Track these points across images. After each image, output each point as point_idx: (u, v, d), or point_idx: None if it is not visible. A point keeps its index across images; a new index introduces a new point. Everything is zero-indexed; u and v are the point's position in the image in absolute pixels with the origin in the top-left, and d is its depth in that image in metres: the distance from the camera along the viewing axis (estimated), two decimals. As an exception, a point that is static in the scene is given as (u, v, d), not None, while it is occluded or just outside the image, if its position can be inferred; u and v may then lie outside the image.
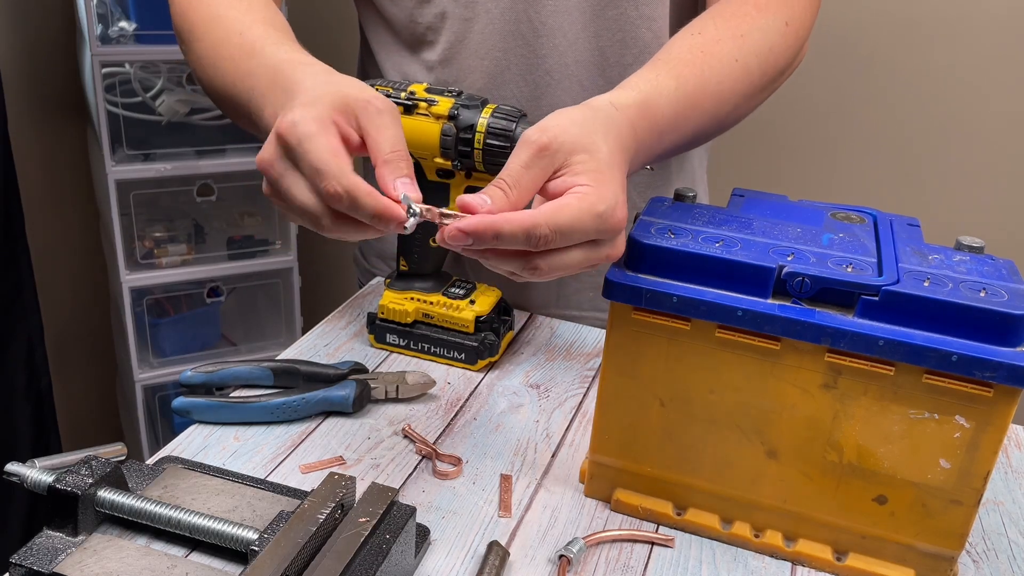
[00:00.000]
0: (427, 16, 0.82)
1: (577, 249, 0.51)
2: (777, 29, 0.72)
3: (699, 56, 0.66)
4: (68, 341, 1.83)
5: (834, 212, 0.64)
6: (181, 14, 0.72)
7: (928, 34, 1.41)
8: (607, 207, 0.50)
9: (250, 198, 1.68)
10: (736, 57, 0.67)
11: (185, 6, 0.72)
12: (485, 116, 0.70)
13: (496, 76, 0.82)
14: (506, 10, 0.80)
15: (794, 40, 0.74)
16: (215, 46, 0.67)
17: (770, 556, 0.59)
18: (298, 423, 0.70)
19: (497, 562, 0.55)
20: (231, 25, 0.66)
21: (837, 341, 0.52)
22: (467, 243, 0.48)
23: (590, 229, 0.50)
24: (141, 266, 1.55)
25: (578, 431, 0.71)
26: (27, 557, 0.51)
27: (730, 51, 0.67)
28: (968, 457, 0.52)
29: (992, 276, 0.54)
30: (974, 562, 0.60)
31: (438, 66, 0.84)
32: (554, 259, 0.51)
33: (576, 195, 0.50)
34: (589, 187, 0.51)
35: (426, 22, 0.82)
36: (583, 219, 0.49)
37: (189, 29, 0.71)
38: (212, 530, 0.52)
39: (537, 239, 0.48)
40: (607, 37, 0.82)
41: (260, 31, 0.64)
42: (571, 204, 0.50)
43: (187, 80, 1.51)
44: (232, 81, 0.64)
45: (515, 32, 0.81)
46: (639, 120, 0.58)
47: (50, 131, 1.69)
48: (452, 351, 0.79)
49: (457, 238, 0.48)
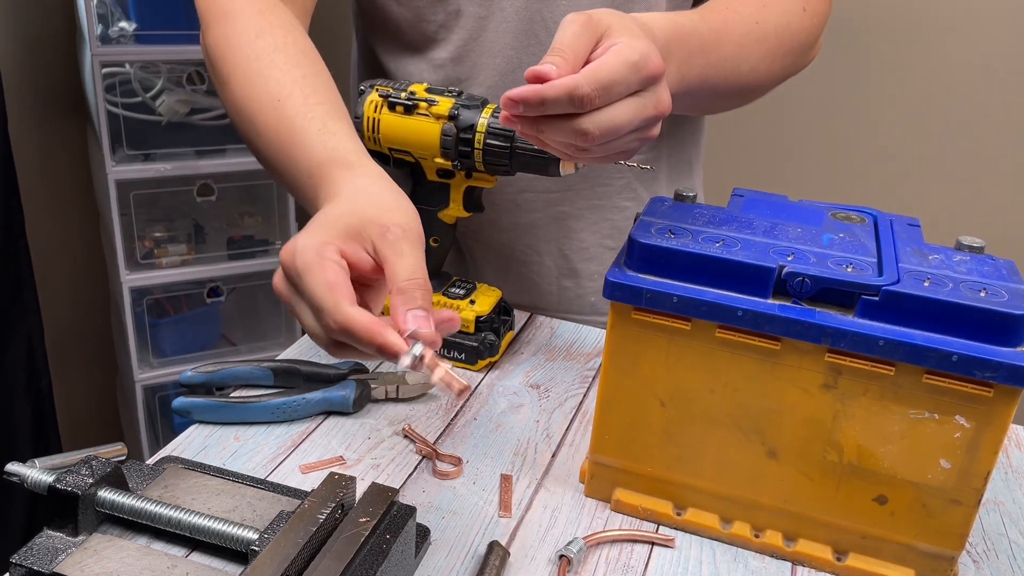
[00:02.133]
0: (440, 14, 0.82)
1: (622, 104, 0.53)
2: (795, 10, 0.76)
3: (723, 10, 0.71)
4: (68, 341, 1.83)
5: (834, 212, 0.64)
6: (219, 58, 0.69)
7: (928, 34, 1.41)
8: (640, 55, 0.53)
9: (250, 198, 1.68)
10: (756, 20, 0.72)
11: (223, 49, 0.68)
12: (485, 116, 0.70)
13: (507, 74, 0.82)
14: (520, 9, 0.80)
15: (809, 25, 0.77)
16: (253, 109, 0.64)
17: (770, 556, 0.59)
18: (298, 423, 0.70)
19: (497, 562, 0.55)
20: (271, 88, 0.63)
21: (837, 341, 0.52)
22: (517, 111, 0.52)
23: (629, 78, 0.52)
24: (141, 266, 1.55)
25: (578, 431, 0.71)
26: (27, 557, 0.51)
27: (751, 12, 0.72)
28: (968, 457, 0.52)
29: (992, 276, 0.54)
30: (974, 562, 0.60)
31: (448, 64, 0.83)
32: (601, 118, 0.53)
33: (611, 51, 0.53)
34: (622, 41, 0.53)
35: (438, 20, 0.82)
36: (619, 70, 0.52)
37: (227, 77, 0.67)
38: (212, 530, 0.52)
39: (580, 98, 0.51)
40: None
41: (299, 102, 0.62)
42: (607, 60, 0.52)
43: (187, 80, 1.51)
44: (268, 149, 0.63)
45: (528, 31, 0.81)
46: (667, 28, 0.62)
47: (50, 131, 1.69)
48: (452, 351, 0.79)
49: (508, 106, 0.52)
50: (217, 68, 0.69)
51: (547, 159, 0.68)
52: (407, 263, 0.49)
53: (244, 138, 0.68)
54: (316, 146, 0.59)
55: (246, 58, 0.66)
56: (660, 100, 0.55)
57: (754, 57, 0.72)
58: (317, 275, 0.48)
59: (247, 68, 0.65)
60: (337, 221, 0.51)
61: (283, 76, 0.64)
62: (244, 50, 0.66)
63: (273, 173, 0.65)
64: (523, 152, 0.69)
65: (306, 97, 0.62)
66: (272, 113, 0.62)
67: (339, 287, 0.48)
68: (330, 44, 0.65)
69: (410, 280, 0.49)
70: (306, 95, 0.62)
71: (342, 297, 0.48)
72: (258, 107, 0.64)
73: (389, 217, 0.51)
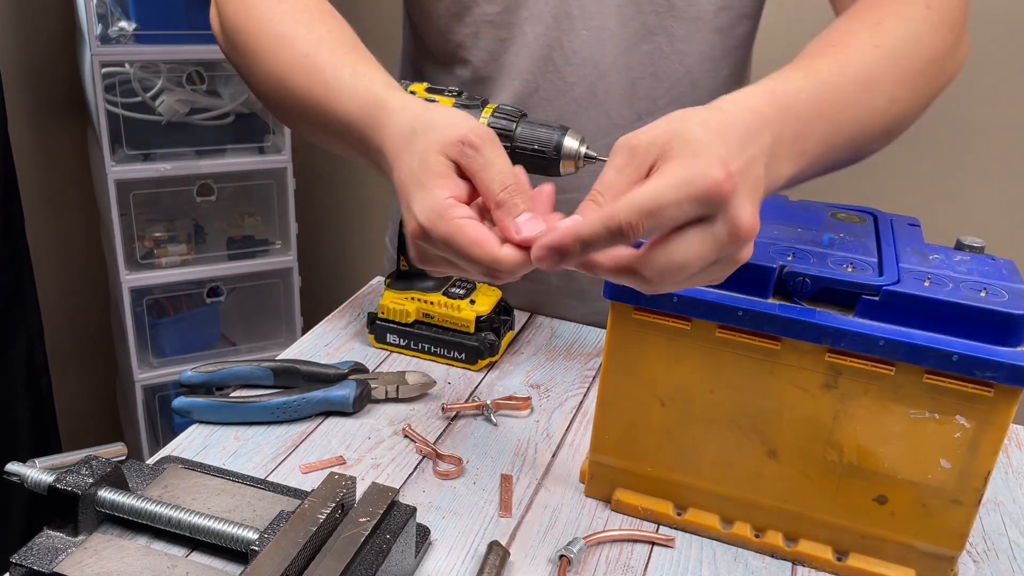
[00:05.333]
0: (459, 34, 0.82)
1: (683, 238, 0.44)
2: (919, 16, 0.63)
3: (830, 49, 0.59)
4: (68, 341, 1.83)
5: (834, 212, 0.64)
6: (241, 30, 0.67)
7: (928, 34, 1.41)
8: (695, 173, 0.43)
9: (250, 198, 1.68)
10: (875, 44, 0.60)
11: (243, 21, 0.67)
12: (485, 116, 0.70)
13: (524, 98, 0.82)
14: (540, 35, 0.80)
15: (940, 25, 0.64)
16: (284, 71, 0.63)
17: (770, 556, 0.59)
18: (298, 423, 0.70)
19: (497, 562, 0.55)
20: (299, 47, 0.63)
21: (837, 341, 0.52)
22: (556, 259, 0.45)
23: (681, 200, 0.42)
24: (141, 266, 1.55)
25: (578, 431, 0.71)
26: (27, 557, 0.51)
27: (866, 39, 0.60)
28: (968, 457, 0.52)
29: (992, 276, 0.54)
30: (974, 562, 0.60)
31: (470, 82, 0.84)
32: (656, 257, 0.44)
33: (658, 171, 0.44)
34: (675, 161, 0.44)
35: (457, 39, 0.82)
36: (665, 191, 0.42)
37: (254, 48, 0.66)
38: (212, 530, 0.52)
39: (618, 228, 0.43)
40: (639, 70, 0.81)
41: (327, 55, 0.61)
42: (651, 181, 0.44)
43: (187, 80, 1.51)
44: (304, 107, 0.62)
45: (547, 57, 0.81)
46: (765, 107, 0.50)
47: (50, 131, 1.69)
48: (452, 351, 0.79)
49: (544, 258, 0.45)
50: (240, 41, 0.68)
51: (547, 159, 0.68)
52: (494, 173, 0.49)
53: (278, 107, 0.67)
54: (350, 94, 0.58)
55: (268, 22, 0.65)
56: (737, 224, 0.43)
57: (887, 86, 0.59)
58: (461, 238, 0.48)
59: (271, 31, 0.65)
60: (424, 169, 0.50)
61: (309, 33, 0.63)
62: (266, 15, 0.66)
63: (311, 133, 0.64)
64: (523, 152, 0.69)
65: (333, 49, 0.62)
66: (302, 71, 0.62)
67: (485, 240, 0.48)
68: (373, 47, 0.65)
69: (504, 189, 0.49)
70: (333, 47, 0.62)
71: (492, 247, 0.47)
72: (289, 68, 0.63)
73: (454, 132, 0.50)
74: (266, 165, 1.59)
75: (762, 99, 0.50)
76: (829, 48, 0.59)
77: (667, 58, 0.81)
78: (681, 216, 0.43)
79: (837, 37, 0.61)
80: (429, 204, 0.49)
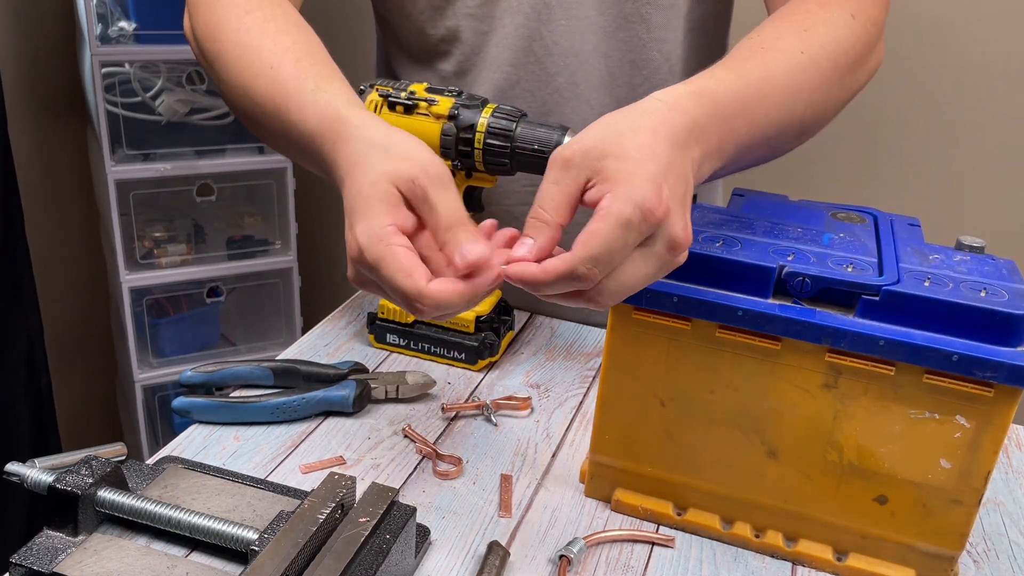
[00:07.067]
0: (440, 30, 0.82)
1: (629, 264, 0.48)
2: (843, 22, 0.67)
3: (759, 52, 0.62)
4: (68, 341, 1.82)
5: (834, 212, 0.64)
6: (208, 38, 0.68)
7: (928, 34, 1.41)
8: (632, 207, 0.46)
9: (250, 198, 1.68)
10: (801, 49, 0.63)
11: (212, 29, 0.68)
12: (485, 116, 0.70)
13: (506, 91, 0.83)
14: (520, 26, 0.80)
15: (863, 32, 0.68)
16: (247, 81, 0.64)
17: (770, 556, 0.59)
18: (298, 423, 0.70)
19: (497, 562, 0.55)
20: (264, 57, 0.63)
21: (837, 341, 0.52)
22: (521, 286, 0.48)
23: (627, 238, 0.47)
24: (141, 266, 1.55)
25: (578, 431, 0.71)
26: (27, 557, 0.51)
27: (793, 44, 0.63)
28: (969, 457, 0.52)
29: (993, 276, 0.54)
30: (975, 562, 0.60)
31: (452, 77, 0.84)
32: (610, 286, 0.48)
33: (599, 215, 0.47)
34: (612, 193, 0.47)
35: (438, 35, 0.82)
36: (612, 238, 0.46)
37: (217, 54, 0.67)
38: (212, 530, 0.52)
39: (579, 279, 0.47)
40: (617, 58, 0.82)
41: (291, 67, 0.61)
42: (597, 229, 0.47)
43: (187, 80, 1.51)
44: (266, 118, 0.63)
45: (527, 48, 0.81)
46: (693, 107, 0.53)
47: (50, 131, 1.69)
48: (452, 351, 0.79)
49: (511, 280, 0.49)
50: (206, 48, 0.69)
51: (547, 159, 0.68)
52: (440, 214, 0.50)
53: (242, 115, 0.67)
54: (311, 107, 0.58)
55: (235, 31, 0.66)
56: (672, 239, 0.48)
57: (807, 91, 0.63)
58: (391, 264, 0.49)
59: (238, 42, 0.65)
60: (372, 193, 0.51)
61: (275, 45, 0.63)
62: (233, 25, 0.66)
63: (274, 142, 0.65)
64: (523, 152, 0.69)
65: (298, 60, 0.62)
66: (266, 81, 0.62)
67: (414, 270, 0.49)
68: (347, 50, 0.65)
69: (448, 230, 0.50)
70: (298, 58, 0.62)
71: (419, 278, 0.48)
72: (252, 78, 0.63)
73: (407, 169, 0.51)
74: (266, 165, 1.59)
75: (691, 99, 0.53)
76: (759, 51, 0.62)
77: (645, 46, 0.82)
78: (628, 252, 0.48)
79: (767, 40, 0.63)
80: (370, 226, 0.50)
